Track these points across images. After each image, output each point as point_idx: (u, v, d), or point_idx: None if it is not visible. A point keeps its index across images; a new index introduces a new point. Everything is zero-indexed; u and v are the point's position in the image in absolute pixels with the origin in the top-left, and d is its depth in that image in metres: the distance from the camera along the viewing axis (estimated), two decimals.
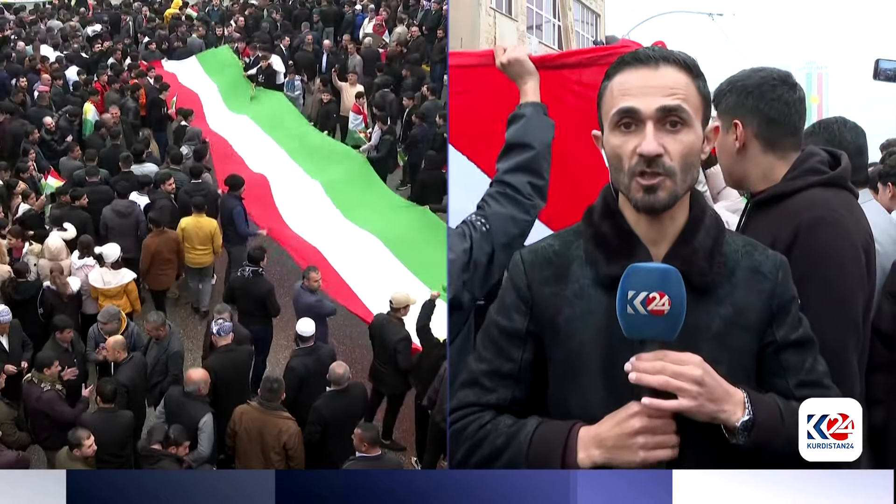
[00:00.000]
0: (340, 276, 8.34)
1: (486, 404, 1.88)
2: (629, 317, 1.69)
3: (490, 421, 1.86)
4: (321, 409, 6.37)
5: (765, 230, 2.22)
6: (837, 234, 2.18)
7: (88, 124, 11.63)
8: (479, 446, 1.85)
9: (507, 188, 2.65)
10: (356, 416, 6.33)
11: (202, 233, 8.68)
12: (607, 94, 1.81)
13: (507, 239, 2.59)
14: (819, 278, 2.10)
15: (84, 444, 5.80)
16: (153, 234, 8.49)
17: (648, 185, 1.73)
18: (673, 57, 1.78)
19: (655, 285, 1.67)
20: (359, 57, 13.58)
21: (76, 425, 6.04)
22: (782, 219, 2.23)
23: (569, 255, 1.87)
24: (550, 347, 1.86)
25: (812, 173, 2.31)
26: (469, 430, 1.87)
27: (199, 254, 8.72)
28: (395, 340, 7.07)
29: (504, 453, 1.82)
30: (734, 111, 2.35)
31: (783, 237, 2.17)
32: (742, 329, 1.80)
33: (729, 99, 2.36)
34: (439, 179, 9.46)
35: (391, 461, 6.23)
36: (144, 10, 16.97)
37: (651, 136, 1.72)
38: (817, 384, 1.83)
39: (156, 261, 8.44)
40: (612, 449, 1.72)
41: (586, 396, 1.80)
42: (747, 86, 2.36)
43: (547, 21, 19.04)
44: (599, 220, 1.86)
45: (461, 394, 1.92)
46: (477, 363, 1.93)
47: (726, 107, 2.36)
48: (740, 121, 2.33)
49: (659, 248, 1.81)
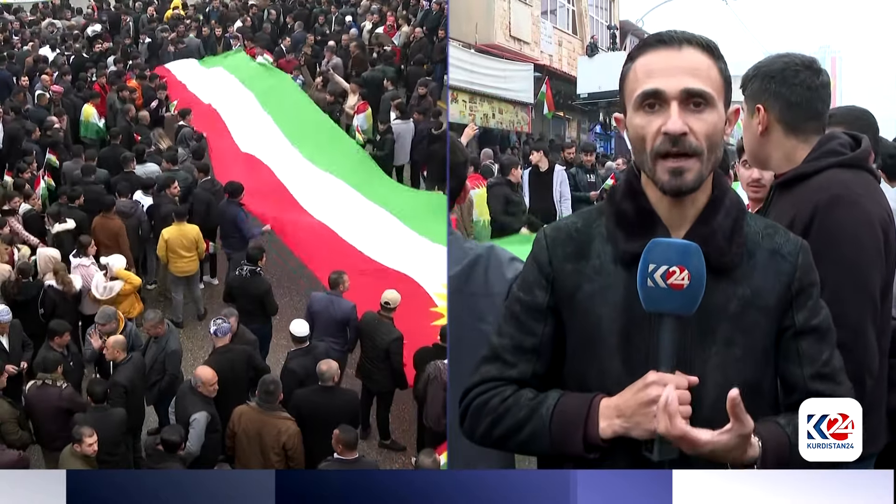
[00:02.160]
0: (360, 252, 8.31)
1: (508, 378, 1.91)
2: (649, 290, 1.71)
3: (512, 395, 1.89)
4: (298, 400, 6.45)
5: (786, 211, 2.31)
6: (854, 213, 2.24)
7: (90, 126, 11.61)
8: (503, 419, 1.88)
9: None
10: (339, 418, 6.32)
11: (186, 240, 8.71)
12: (631, 75, 1.83)
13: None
14: (835, 256, 2.16)
15: (86, 440, 5.83)
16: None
17: (675, 168, 1.75)
18: (696, 39, 1.80)
19: (676, 259, 1.70)
20: (336, 59, 13.54)
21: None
22: (802, 199, 2.30)
23: (590, 233, 1.90)
24: (569, 323, 1.89)
25: (832, 155, 2.38)
26: (492, 403, 1.90)
27: (185, 261, 8.74)
28: (389, 341, 7.08)
29: (527, 425, 1.85)
30: (758, 96, 2.44)
31: (801, 216, 2.24)
32: (759, 310, 1.81)
33: (754, 84, 2.45)
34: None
35: (368, 464, 6.23)
36: (150, 10, 16.94)
37: (676, 115, 1.74)
38: (831, 378, 1.84)
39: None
40: (632, 417, 1.74)
41: (603, 371, 1.83)
42: (771, 71, 2.44)
43: (561, 6, 19.08)
44: (621, 199, 1.88)
45: (483, 369, 1.95)
46: (499, 338, 1.95)
47: (752, 91, 2.45)
48: (763, 105, 2.42)
49: (679, 227, 1.83)
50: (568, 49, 19.15)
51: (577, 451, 1.79)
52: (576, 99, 18.53)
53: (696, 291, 1.70)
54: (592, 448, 1.79)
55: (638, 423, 1.74)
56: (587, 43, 19.15)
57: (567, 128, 19.11)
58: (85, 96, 12.24)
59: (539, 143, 12.73)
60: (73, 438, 5.93)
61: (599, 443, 1.78)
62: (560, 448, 1.82)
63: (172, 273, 8.82)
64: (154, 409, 7.18)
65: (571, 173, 10.53)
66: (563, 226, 1.95)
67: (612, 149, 18.23)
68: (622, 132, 1.90)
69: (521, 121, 17.30)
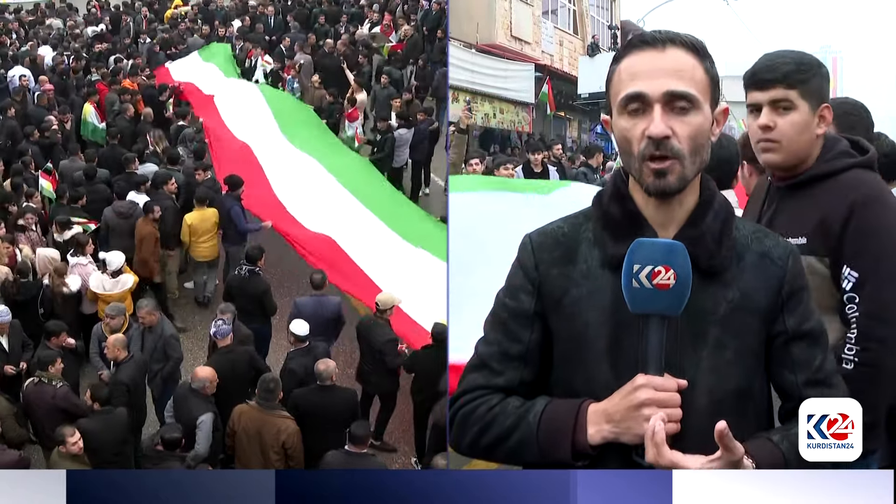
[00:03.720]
0: (356, 264, 8.30)
1: (495, 387, 1.89)
2: (634, 291, 1.69)
3: (499, 403, 1.87)
4: (296, 399, 6.48)
5: (808, 210, 2.37)
6: (888, 210, 2.33)
7: (88, 125, 11.61)
8: (490, 428, 1.86)
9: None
10: (338, 417, 6.34)
11: (207, 224, 8.85)
12: (615, 77, 1.82)
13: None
14: (877, 251, 2.24)
15: (68, 440, 5.83)
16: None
17: (658, 170, 1.74)
18: (680, 39, 1.78)
19: (661, 259, 1.68)
20: (305, 56, 13.44)
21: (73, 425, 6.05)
22: (830, 197, 2.36)
23: (577, 237, 1.88)
24: (557, 328, 1.87)
25: (847, 156, 2.44)
26: (478, 412, 1.88)
27: (205, 247, 8.89)
28: (382, 342, 7.11)
29: (514, 433, 1.83)
30: (825, 96, 2.46)
31: (836, 214, 2.31)
32: (749, 313, 1.80)
33: (814, 82, 2.44)
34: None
35: (375, 462, 6.25)
36: (144, 10, 16.93)
37: (659, 118, 1.73)
38: (824, 383, 1.84)
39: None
40: (621, 422, 1.73)
41: (591, 377, 1.81)
42: (827, 73, 2.48)
43: (562, 6, 19.10)
44: (608, 203, 1.87)
45: (470, 377, 1.93)
46: (485, 346, 1.94)
47: (813, 90, 2.43)
48: (831, 106, 2.46)
49: (667, 230, 1.82)
50: (569, 49, 19.14)
51: (565, 458, 1.78)
52: (576, 99, 18.53)
53: (683, 291, 1.69)
54: (581, 455, 1.77)
55: (628, 427, 1.72)
56: (588, 43, 19.16)
57: (568, 128, 19.11)
58: (85, 95, 12.24)
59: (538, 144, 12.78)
60: (56, 440, 5.89)
61: (588, 450, 1.76)
62: (548, 455, 1.80)
63: (194, 258, 9.04)
64: (154, 410, 7.18)
65: (582, 173, 10.58)
66: (549, 230, 1.93)
67: (612, 149, 18.23)
68: (610, 134, 1.89)
69: (521, 121, 17.30)
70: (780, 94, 2.42)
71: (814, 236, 2.38)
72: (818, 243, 2.37)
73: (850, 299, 2.34)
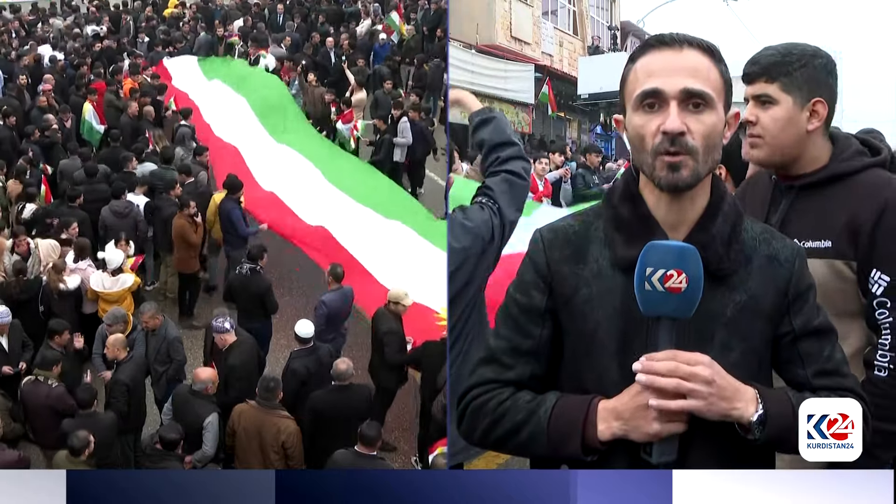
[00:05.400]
0: (354, 257, 8.27)
1: (506, 381, 1.91)
2: (646, 293, 1.71)
3: (509, 397, 1.88)
4: (314, 400, 6.43)
5: (830, 210, 2.28)
6: None
7: (86, 124, 11.61)
8: (501, 421, 1.87)
9: (509, 175, 3.41)
10: (355, 415, 6.31)
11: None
12: (631, 76, 1.83)
13: (515, 216, 3.32)
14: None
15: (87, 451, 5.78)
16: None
17: (672, 163, 1.75)
18: (696, 41, 1.80)
19: (673, 262, 1.69)
20: (280, 50, 13.41)
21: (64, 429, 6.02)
22: (856, 198, 2.27)
23: (588, 236, 1.89)
24: (567, 325, 1.88)
25: (862, 155, 2.35)
26: (489, 405, 1.89)
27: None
28: (383, 332, 7.02)
29: (525, 427, 1.84)
30: (815, 89, 2.32)
31: (866, 213, 2.23)
32: (756, 315, 1.82)
33: (803, 73, 2.31)
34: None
35: (383, 464, 6.22)
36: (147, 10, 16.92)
37: (675, 114, 1.74)
38: (835, 372, 1.85)
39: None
40: (629, 420, 1.74)
41: (601, 375, 1.83)
42: (827, 64, 2.34)
43: (562, 6, 19.12)
44: (619, 203, 1.88)
45: (480, 371, 1.94)
46: (496, 340, 1.95)
47: (802, 82, 2.31)
48: (824, 99, 2.32)
49: (677, 232, 1.82)
50: (569, 50, 19.17)
51: (575, 452, 1.79)
52: (576, 99, 18.55)
53: (694, 294, 1.70)
54: (590, 450, 1.79)
55: (636, 426, 1.74)
56: (588, 43, 19.18)
57: (567, 128, 19.13)
58: (84, 94, 12.24)
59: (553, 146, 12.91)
60: (69, 447, 5.83)
61: (597, 445, 1.78)
62: (558, 450, 1.81)
63: (214, 239, 9.12)
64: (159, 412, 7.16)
65: (580, 174, 10.61)
66: (559, 227, 1.94)
67: (612, 149, 18.24)
68: (622, 134, 1.89)
69: (521, 121, 17.31)
70: (760, 89, 2.35)
71: (840, 239, 2.28)
72: (845, 246, 2.28)
73: (881, 304, 2.27)
